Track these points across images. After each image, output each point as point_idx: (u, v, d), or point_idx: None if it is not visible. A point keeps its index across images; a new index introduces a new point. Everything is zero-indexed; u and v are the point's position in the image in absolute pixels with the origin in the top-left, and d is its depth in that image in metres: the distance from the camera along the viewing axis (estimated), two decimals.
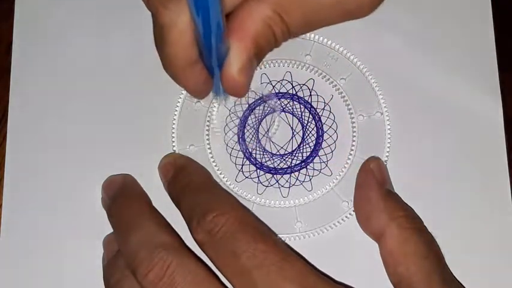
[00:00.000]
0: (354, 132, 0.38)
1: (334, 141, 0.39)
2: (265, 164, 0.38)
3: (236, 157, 0.39)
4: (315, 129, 0.39)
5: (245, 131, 0.39)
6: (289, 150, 0.39)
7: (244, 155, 0.39)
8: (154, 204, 0.37)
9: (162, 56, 0.31)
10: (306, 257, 0.36)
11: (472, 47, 0.39)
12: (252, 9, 0.30)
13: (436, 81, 0.39)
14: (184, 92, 0.39)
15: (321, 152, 0.38)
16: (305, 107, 0.39)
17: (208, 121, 0.39)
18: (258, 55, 0.31)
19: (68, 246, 0.37)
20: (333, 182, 0.38)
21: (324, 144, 0.39)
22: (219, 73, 0.31)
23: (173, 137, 0.38)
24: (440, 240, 0.34)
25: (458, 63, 0.39)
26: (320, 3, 0.31)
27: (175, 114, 0.39)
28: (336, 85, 0.39)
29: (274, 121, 0.39)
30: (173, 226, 0.35)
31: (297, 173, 0.38)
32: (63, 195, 0.38)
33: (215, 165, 0.38)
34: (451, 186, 0.38)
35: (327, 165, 0.38)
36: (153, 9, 0.30)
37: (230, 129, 0.39)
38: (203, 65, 0.31)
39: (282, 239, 0.37)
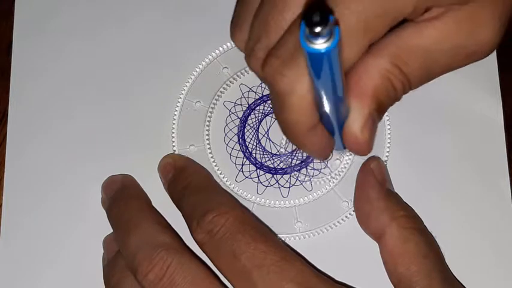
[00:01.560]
0: None
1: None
2: (265, 164, 0.38)
3: (236, 157, 0.39)
4: None
5: (245, 131, 0.39)
6: (289, 150, 0.39)
7: (244, 155, 0.39)
8: (154, 204, 0.37)
9: (282, 122, 0.30)
10: (306, 257, 0.36)
11: None
12: (369, 64, 0.29)
13: (436, 81, 0.39)
14: (184, 91, 0.39)
15: None
16: None
17: (208, 121, 0.39)
18: (379, 110, 0.30)
19: (68, 246, 0.37)
20: (333, 182, 0.38)
21: None
22: (340, 132, 0.30)
23: (173, 137, 0.38)
24: (440, 240, 0.34)
25: None
26: (438, 51, 0.30)
27: (175, 114, 0.39)
28: None
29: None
30: (173, 226, 0.35)
31: (297, 173, 0.38)
32: (63, 195, 0.38)
33: (215, 165, 0.38)
34: (451, 186, 0.38)
35: (327, 165, 0.38)
36: (268, 78, 0.29)
37: (230, 130, 0.39)
38: (323, 127, 0.31)
39: (282, 239, 0.37)
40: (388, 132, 0.38)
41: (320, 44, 0.23)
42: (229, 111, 0.39)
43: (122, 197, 0.36)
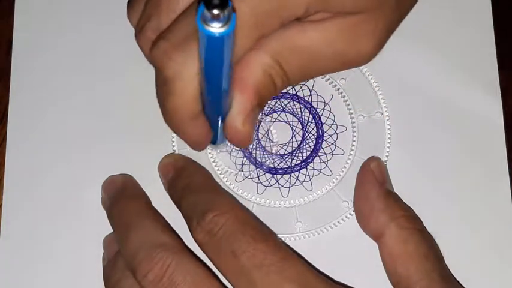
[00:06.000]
0: (354, 132, 0.38)
1: (334, 141, 0.39)
2: (265, 164, 0.38)
3: (236, 157, 0.39)
4: (315, 129, 0.39)
5: None
6: (289, 150, 0.39)
7: (244, 155, 0.39)
8: (154, 204, 0.37)
9: (164, 108, 0.30)
10: (306, 257, 0.36)
11: (472, 46, 0.39)
12: (251, 58, 0.30)
13: (436, 81, 0.39)
14: None
15: (321, 152, 0.38)
16: (305, 107, 0.39)
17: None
18: (260, 105, 0.31)
19: (68, 246, 0.37)
20: (333, 182, 0.38)
21: (324, 144, 0.39)
22: (222, 124, 0.31)
23: (173, 136, 0.38)
24: (440, 240, 0.34)
25: (458, 63, 0.39)
26: (319, 53, 0.31)
27: None
28: (336, 85, 0.39)
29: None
30: (173, 226, 0.35)
31: (297, 173, 0.38)
32: (63, 195, 0.38)
33: (215, 166, 0.38)
34: (451, 187, 0.38)
35: (327, 165, 0.38)
36: (156, 61, 0.29)
37: None
38: (205, 117, 0.31)
39: (282, 239, 0.37)
40: (388, 132, 0.38)
41: (217, 28, 0.23)
42: None
43: (122, 197, 0.36)
